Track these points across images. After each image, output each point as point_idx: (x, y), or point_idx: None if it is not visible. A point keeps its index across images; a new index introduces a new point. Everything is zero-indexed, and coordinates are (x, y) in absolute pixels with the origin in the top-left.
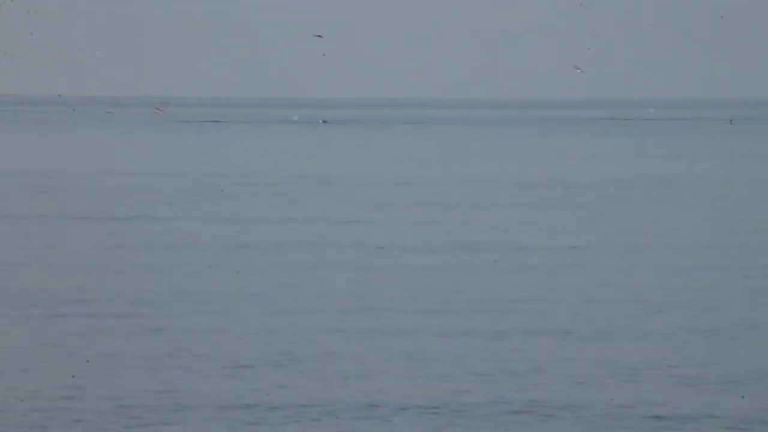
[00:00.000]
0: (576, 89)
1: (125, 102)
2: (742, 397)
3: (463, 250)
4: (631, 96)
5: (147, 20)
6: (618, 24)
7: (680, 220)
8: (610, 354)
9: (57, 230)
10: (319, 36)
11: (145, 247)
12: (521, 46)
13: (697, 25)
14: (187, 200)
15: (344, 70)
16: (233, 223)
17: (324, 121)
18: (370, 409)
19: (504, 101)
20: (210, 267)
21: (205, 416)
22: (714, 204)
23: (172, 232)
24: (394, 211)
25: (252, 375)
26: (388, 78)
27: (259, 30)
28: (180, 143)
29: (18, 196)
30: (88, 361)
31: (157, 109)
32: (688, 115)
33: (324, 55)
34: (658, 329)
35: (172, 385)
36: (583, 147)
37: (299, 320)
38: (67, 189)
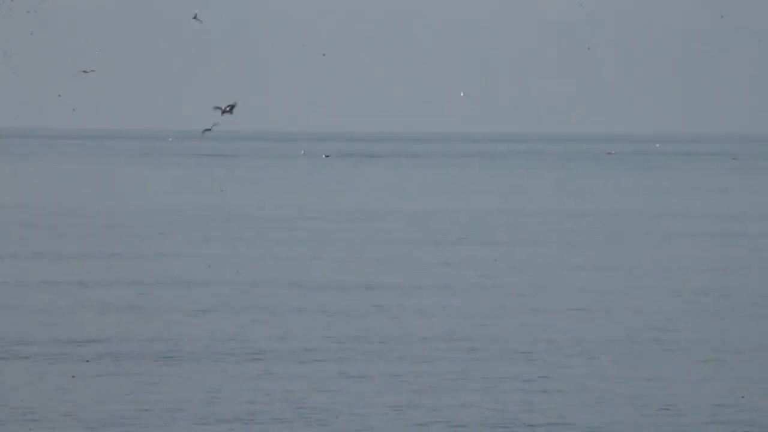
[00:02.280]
0: (576, 124)
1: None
2: None
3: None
4: (637, 131)
5: (144, 47)
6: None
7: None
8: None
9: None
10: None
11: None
12: (520, 79)
13: (704, 60)
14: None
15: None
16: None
17: (326, 156)
18: None
19: (501, 134)
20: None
21: None
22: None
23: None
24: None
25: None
26: (388, 111)
27: (268, 59)
28: (184, 177)
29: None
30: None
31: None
32: (693, 150)
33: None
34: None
35: None
36: (578, 183)
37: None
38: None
